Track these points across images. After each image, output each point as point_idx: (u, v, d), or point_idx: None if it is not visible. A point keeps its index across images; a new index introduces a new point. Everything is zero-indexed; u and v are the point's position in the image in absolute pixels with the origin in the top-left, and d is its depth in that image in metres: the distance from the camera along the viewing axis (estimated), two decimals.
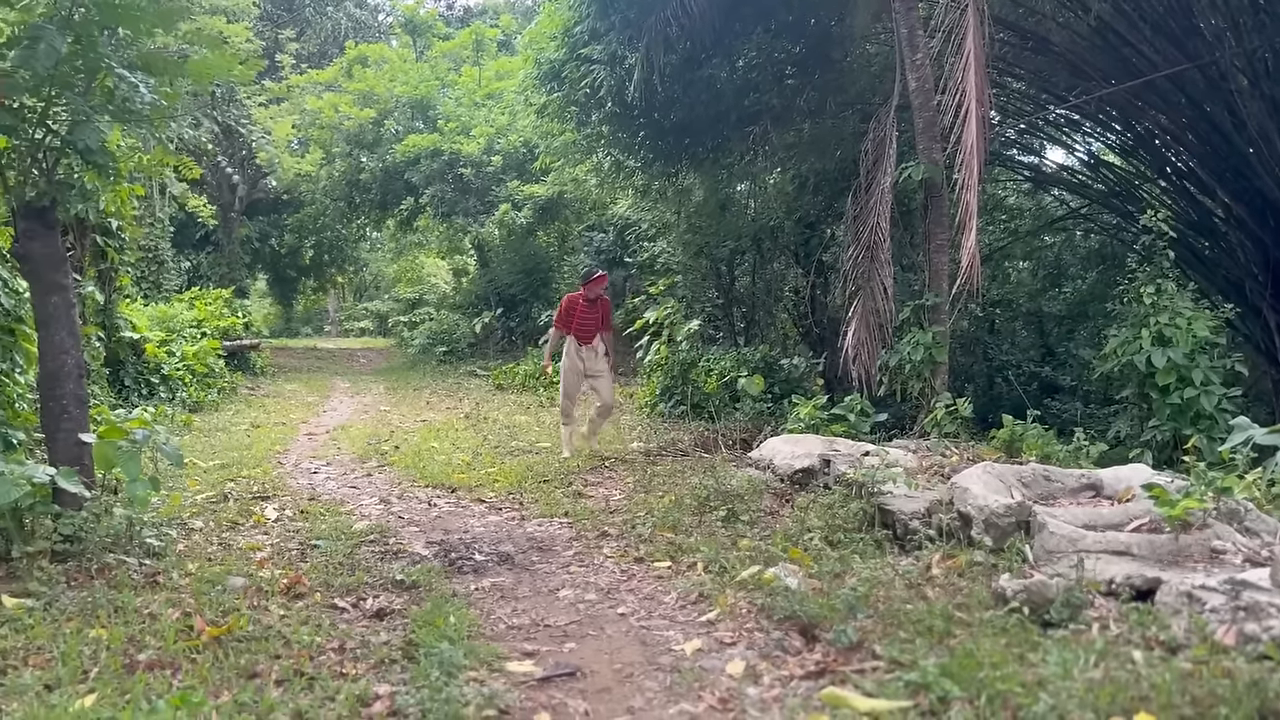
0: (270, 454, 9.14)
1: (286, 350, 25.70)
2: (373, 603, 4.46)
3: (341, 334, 38.79)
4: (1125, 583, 3.82)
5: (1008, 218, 14.92)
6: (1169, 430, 7.03)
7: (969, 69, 7.86)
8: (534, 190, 19.23)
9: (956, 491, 4.92)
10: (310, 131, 21.97)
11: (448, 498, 7.18)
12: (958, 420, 7.98)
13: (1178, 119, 11.36)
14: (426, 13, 25.89)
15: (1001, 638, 3.55)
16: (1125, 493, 4.95)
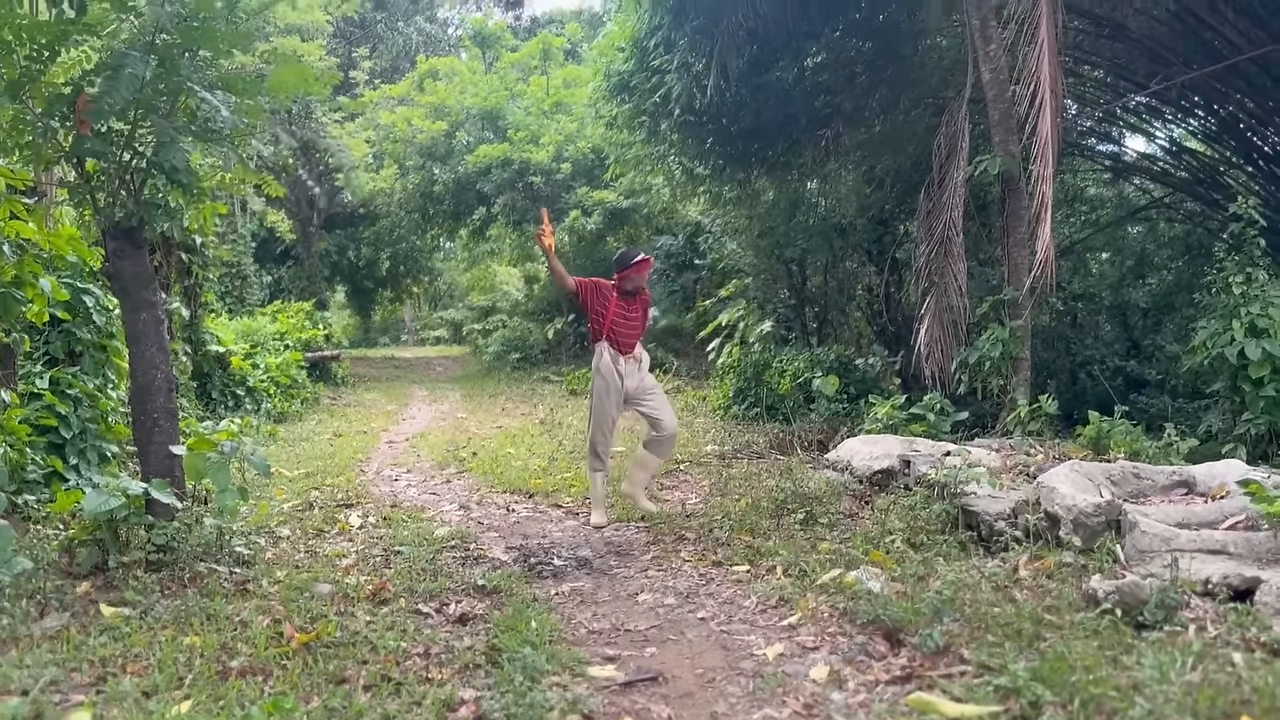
0: (353, 462, 9.32)
1: (365, 360, 26.21)
2: (455, 608, 4.51)
3: (418, 343, 39.42)
4: (1222, 582, 3.69)
5: (1088, 209, 14.54)
6: (1264, 424, 6.77)
7: (1042, 58, 7.69)
8: (603, 196, 19.32)
9: (1043, 491, 4.80)
10: (384, 145, 22.39)
11: (525, 503, 7.25)
12: (1041, 418, 7.80)
13: (1264, 102, 10.97)
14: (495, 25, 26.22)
15: (1094, 640, 3.46)
16: (1219, 489, 4.79)
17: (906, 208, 11.82)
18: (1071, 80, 11.88)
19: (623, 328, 6.49)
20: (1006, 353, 8.27)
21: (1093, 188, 14.98)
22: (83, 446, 6.49)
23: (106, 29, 5.10)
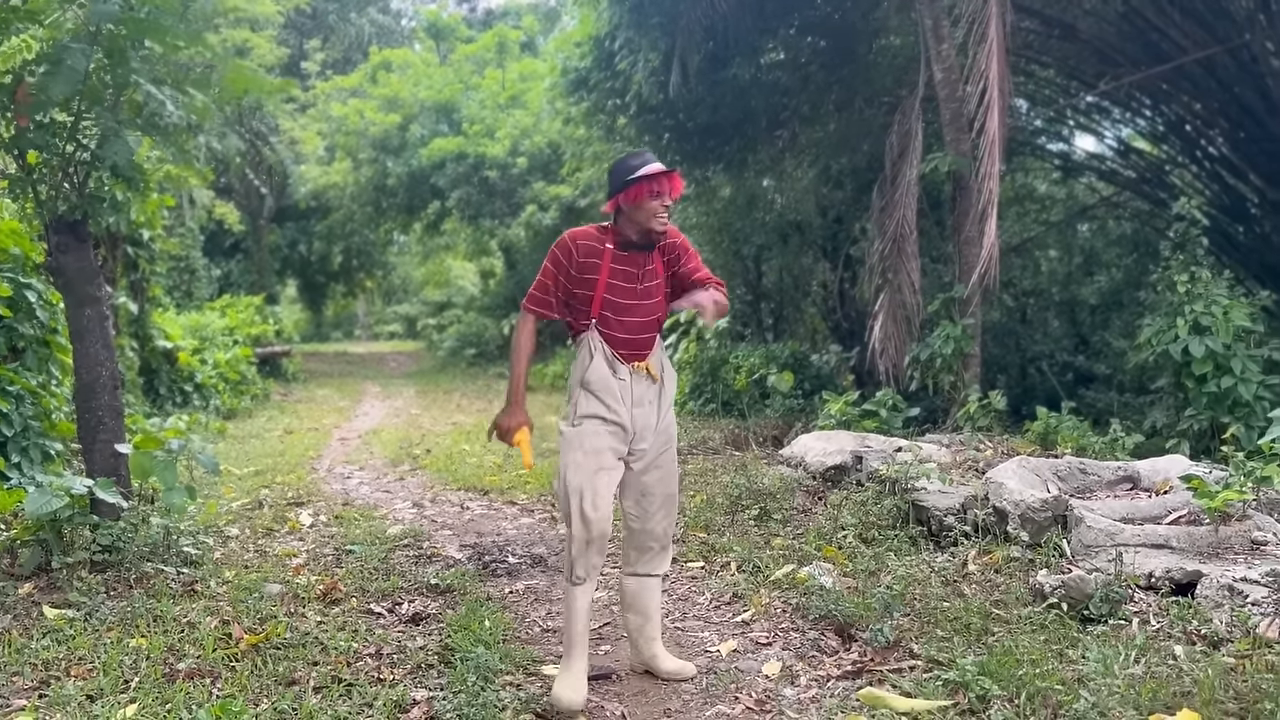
0: (304, 459, 9.21)
1: (317, 355, 25.92)
2: (408, 607, 4.48)
3: (371, 338, 39.08)
4: (1165, 576, 3.77)
5: (1039, 207, 14.77)
6: (1206, 419, 6.93)
7: (991, 58, 7.79)
8: (560, 191, 19.27)
9: (992, 486, 4.87)
10: (336, 138, 22.14)
11: (480, 501, 7.21)
12: (991, 413, 7.91)
13: (1209, 103, 11.22)
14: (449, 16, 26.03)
15: (1040, 634, 3.52)
16: (1163, 484, 4.89)
17: (862, 205, 11.93)
18: (1022, 80, 12.07)
19: (622, 310, 3.50)
20: (958, 349, 8.38)
21: (1043, 186, 15.21)
22: (25, 445, 6.33)
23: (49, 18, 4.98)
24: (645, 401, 3.54)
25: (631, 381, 3.52)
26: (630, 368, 3.52)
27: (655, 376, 3.57)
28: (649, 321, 3.57)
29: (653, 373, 3.56)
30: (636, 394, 3.52)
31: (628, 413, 3.50)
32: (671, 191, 3.48)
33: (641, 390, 3.54)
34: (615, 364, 3.50)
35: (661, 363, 3.63)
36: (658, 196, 3.45)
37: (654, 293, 3.58)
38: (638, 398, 3.53)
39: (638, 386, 3.53)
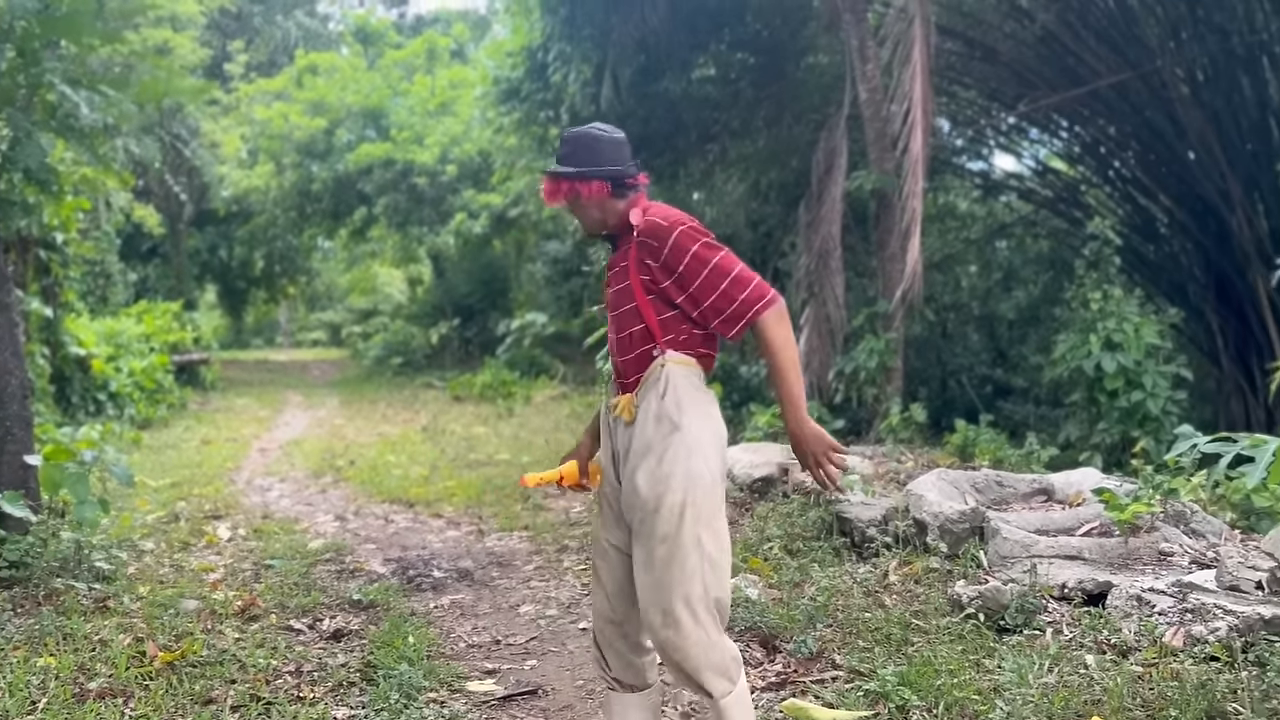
0: (222, 471, 9.00)
1: (237, 363, 25.35)
2: (329, 623, 4.41)
3: (293, 345, 38.34)
4: (1077, 587, 3.88)
5: (959, 224, 15.13)
6: (1117, 433, 7.17)
7: (915, 79, 7.98)
8: (490, 200, 19.17)
9: (912, 498, 4.97)
10: (260, 142, 21.72)
11: (405, 513, 7.12)
12: (912, 425, 8.08)
13: (1122, 126, 11.63)
14: (378, 21, 25.73)
15: (958, 644, 3.59)
16: (1076, 497, 5.04)
17: (790, 220, 12.10)
18: (945, 100, 12.38)
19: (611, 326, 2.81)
20: (881, 363, 8.54)
21: (964, 204, 15.59)
22: None
23: None
24: (624, 450, 2.68)
25: (615, 422, 2.72)
26: (612, 403, 2.74)
27: (627, 417, 2.66)
28: (622, 340, 2.70)
29: (625, 413, 2.66)
30: (619, 439, 2.71)
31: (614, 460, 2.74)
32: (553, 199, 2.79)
33: (622, 435, 2.69)
34: (610, 395, 2.78)
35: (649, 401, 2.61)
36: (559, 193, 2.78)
37: (622, 300, 2.70)
38: (619, 443, 2.70)
39: (619, 430, 2.70)
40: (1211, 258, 10.87)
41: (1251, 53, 10.24)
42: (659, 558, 2.54)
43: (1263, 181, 10.15)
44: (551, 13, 11.17)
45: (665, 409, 2.58)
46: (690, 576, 2.53)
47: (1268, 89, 10.36)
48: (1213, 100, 10.53)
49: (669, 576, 2.53)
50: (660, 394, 2.59)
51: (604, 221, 2.74)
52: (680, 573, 2.53)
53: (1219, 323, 10.83)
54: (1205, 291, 11.03)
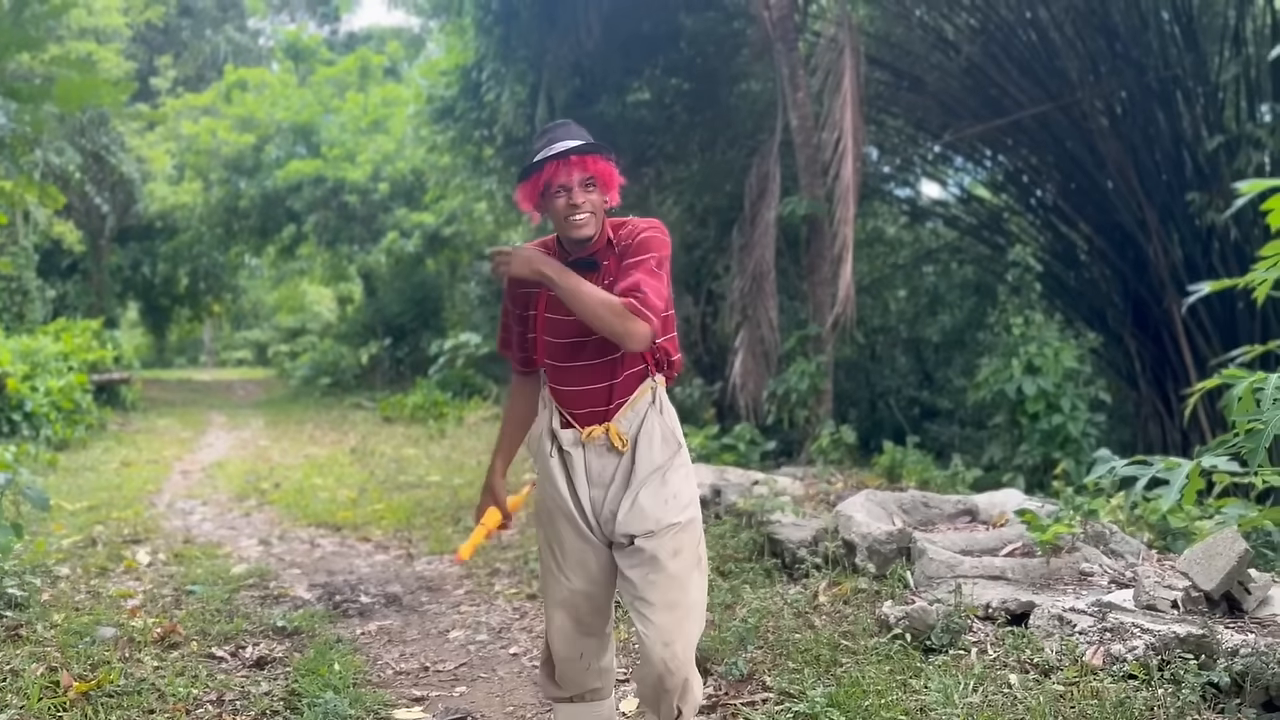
0: (142, 494, 8.75)
1: (159, 383, 24.70)
2: (252, 651, 4.30)
3: (218, 365, 37.52)
4: (1001, 607, 3.96)
5: (887, 249, 15.43)
6: (1039, 455, 7.36)
7: (846, 107, 8.14)
8: (423, 218, 19.02)
9: (841, 519, 5.03)
10: (186, 157, 21.30)
11: (332, 537, 6.99)
12: (841, 447, 8.18)
13: (1043, 156, 11.98)
14: (309, 38, 25.43)
15: (885, 665, 3.64)
16: (1000, 518, 5.14)
17: (724, 243, 12.22)
18: (874, 128, 12.64)
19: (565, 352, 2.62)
20: (812, 385, 8.65)
21: (892, 229, 15.92)
22: None
23: None
24: (605, 479, 2.58)
25: (584, 454, 2.58)
26: (580, 433, 2.57)
27: (620, 445, 2.55)
28: (601, 367, 2.54)
29: (616, 440, 2.55)
30: (593, 470, 2.59)
31: (583, 497, 2.60)
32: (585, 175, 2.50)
33: (600, 465, 2.58)
34: (557, 431, 2.62)
35: (641, 426, 2.57)
36: (562, 191, 2.50)
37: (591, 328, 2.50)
38: (594, 475, 2.59)
39: (593, 459, 2.58)
40: (1129, 284, 11.22)
41: (1166, 87, 10.63)
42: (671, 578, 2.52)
43: (1177, 211, 10.52)
44: (486, 33, 11.18)
45: (669, 427, 2.62)
46: (697, 602, 2.62)
47: (1181, 122, 10.77)
48: (1130, 132, 10.90)
49: (684, 599, 2.55)
50: (659, 412, 2.61)
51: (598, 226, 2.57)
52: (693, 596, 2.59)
53: (1137, 347, 11.17)
54: (1124, 317, 11.38)
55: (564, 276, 2.45)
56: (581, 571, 2.66)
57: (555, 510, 2.65)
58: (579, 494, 2.60)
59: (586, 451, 2.59)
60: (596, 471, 2.59)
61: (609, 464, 2.58)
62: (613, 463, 2.58)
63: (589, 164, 2.52)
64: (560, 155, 2.49)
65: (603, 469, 2.59)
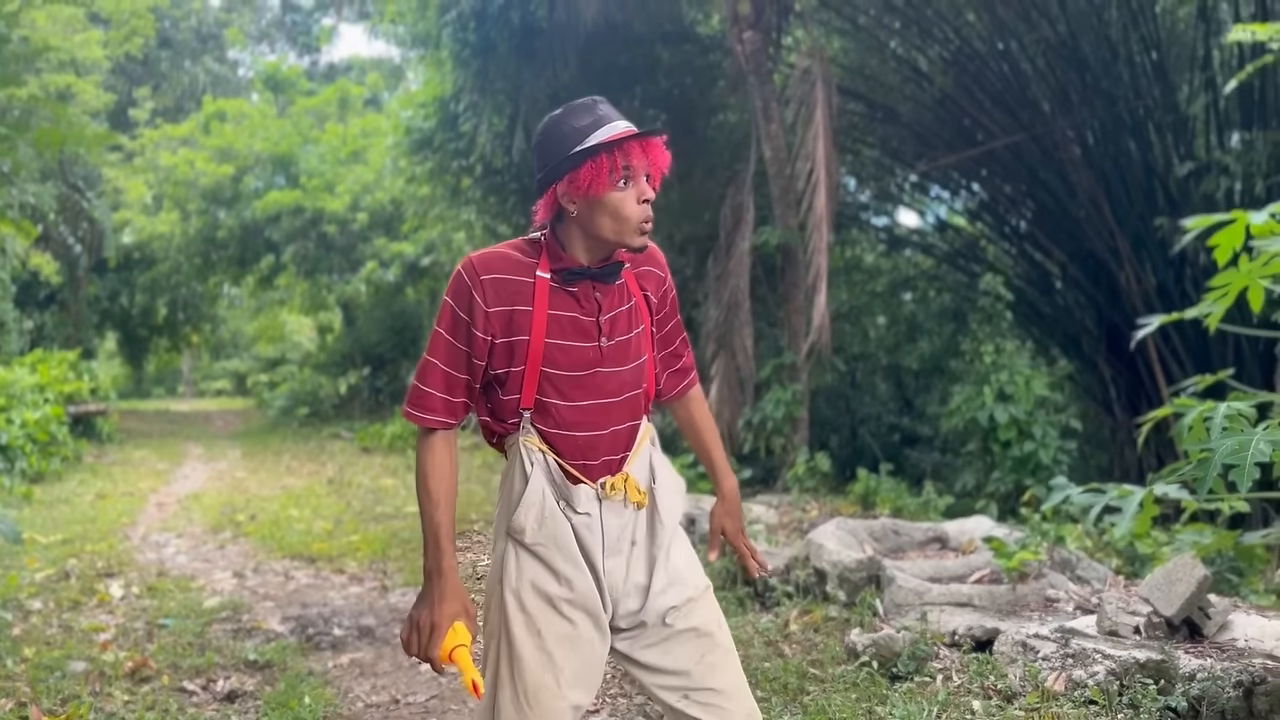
0: (116, 527, 8.69)
1: (137, 414, 24.54)
2: (224, 684, 4.29)
3: (197, 395, 37.29)
4: (967, 633, 4.00)
5: (865, 277, 15.56)
6: (1011, 482, 7.42)
7: (818, 139, 8.25)
8: (402, 248, 19.07)
9: (812, 547, 5.07)
10: (164, 188, 21.30)
11: (306, 569, 6.96)
12: (817, 475, 8.23)
13: (1017, 185, 12.15)
14: (289, 69, 25.54)
15: (852, 692, 3.67)
16: (968, 545, 5.19)
17: (702, 272, 12.32)
18: (850, 158, 12.80)
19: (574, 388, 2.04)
20: (788, 413, 8.70)
21: (870, 257, 16.06)
22: None
23: None
24: (624, 543, 2.07)
25: (601, 513, 2.05)
26: (596, 489, 2.05)
27: (640, 498, 2.08)
28: (623, 404, 2.08)
29: (634, 493, 2.07)
30: (610, 533, 2.05)
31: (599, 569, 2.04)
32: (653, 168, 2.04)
33: (618, 525, 2.06)
34: (562, 484, 2.03)
35: (652, 473, 2.13)
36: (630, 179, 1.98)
37: (631, 351, 2.09)
38: (612, 539, 2.05)
39: (611, 519, 2.05)
40: (1103, 311, 11.36)
41: (1137, 118, 10.82)
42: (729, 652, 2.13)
43: (1149, 239, 10.68)
44: (464, 65, 11.28)
45: (663, 480, 2.14)
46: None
47: (1152, 151, 10.95)
48: (1101, 161, 11.08)
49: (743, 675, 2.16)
50: (662, 458, 2.17)
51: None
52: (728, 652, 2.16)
53: (1111, 373, 11.29)
54: (1098, 344, 11.50)
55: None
56: (587, 682, 2.03)
57: (563, 600, 2.01)
58: (595, 568, 2.03)
59: (604, 510, 2.05)
60: (615, 535, 2.05)
61: (626, 524, 2.07)
62: (629, 522, 2.07)
63: (661, 155, 2.05)
64: (645, 135, 2.00)
65: (620, 531, 2.06)
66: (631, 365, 2.07)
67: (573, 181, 1.95)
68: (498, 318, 1.98)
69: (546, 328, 1.99)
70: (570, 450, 2.02)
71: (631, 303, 2.10)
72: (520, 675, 1.97)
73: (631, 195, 1.97)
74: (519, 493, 2.02)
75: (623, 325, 2.07)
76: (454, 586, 1.97)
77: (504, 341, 2.00)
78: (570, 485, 2.02)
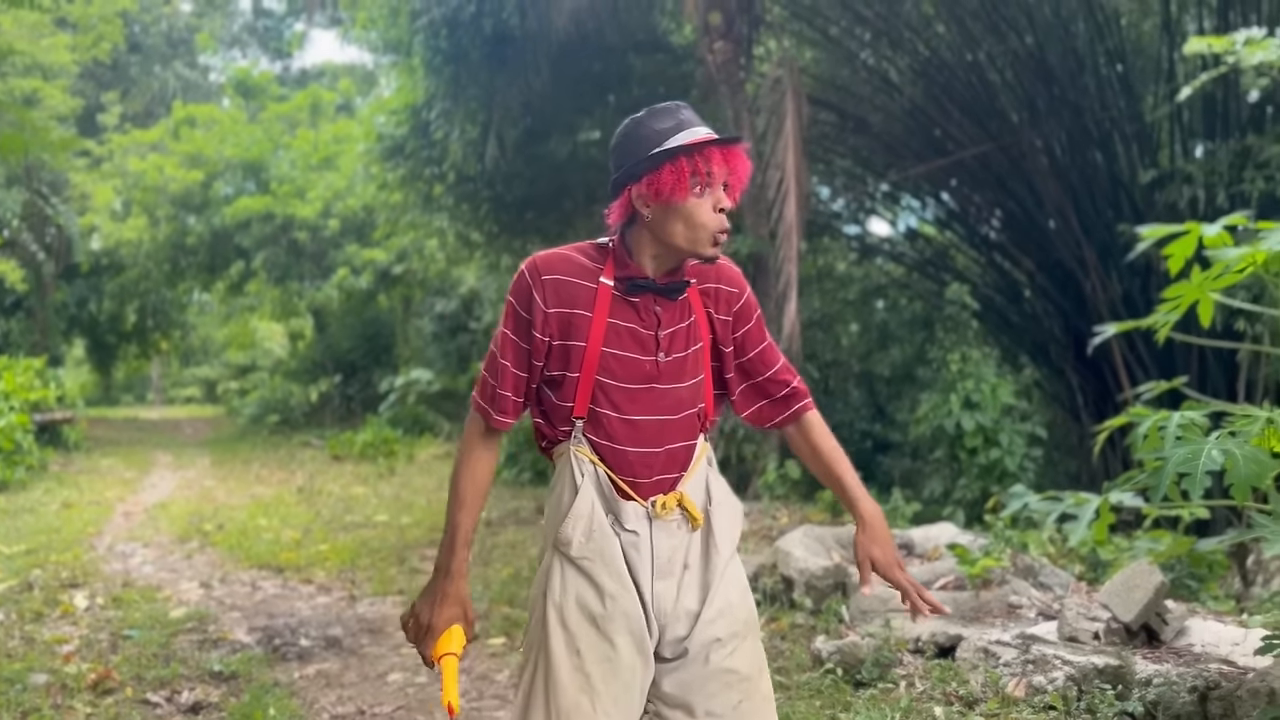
0: (82, 537, 8.60)
1: (105, 421, 24.28)
2: (188, 696, 4.26)
3: (166, 402, 36.94)
4: (930, 640, 4.04)
5: (838, 285, 15.65)
6: (977, 489, 7.50)
7: (788, 149, 8.30)
8: (374, 255, 18.99)
9: (780, 555, 5.10)
10: (133, 194, 21.11)
11: (274, 579, 6.92)
12: (788, 482, 8.27)
13: (985, 194, 12.27)
14: (260, 75, 25.39)
15: (817, 699, 3.69)
16: (934, 552, 5.24)
17: None
18: (821, 167, 12.88)
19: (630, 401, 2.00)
20: None
21: (842, 265, 16.16)
22: None
23: None
24: (676, 566, 2.00)
25: (651, 533, 1.98)
26: (647, 507, 1.99)
27: (696, 519, 2.01)
28: (679, 422, 2.02)
29: (691, 512, 2.00)
30: (661, 554, 1.98)
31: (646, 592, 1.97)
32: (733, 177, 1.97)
33: (670, 546, 1.99)
34: (615, 503, 1.98)
35: (709, 493, 2.06)
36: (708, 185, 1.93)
37: (688, 369, 2.04)
38: (662, 561, 1.98)
39: (662, 539, 1.99)
40: (1070, 319, 11.48)
41: (1103, 129, 10.97)
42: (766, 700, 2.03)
43: (1115, 248, 10.81)
44: (436, 73, 11.25)
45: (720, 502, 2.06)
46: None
47: (1118, 162, 11.10)
48: (1068, 172, 11.21)
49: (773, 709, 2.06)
50: (719, 480, 2.10)
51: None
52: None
53: (1079, 381, 11.41)
54: (1065, 351, 11.63)
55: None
56: (626, 709, 1.95)
57: (609, 618, 1.94)
58: (642, 590, 1.96)
59: (655, 530, 1.98)
60: (665, 557, 1.98)
61: (678, 546, 1.99)
62: (682, 544, 2.00)
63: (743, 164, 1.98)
64: (728, 141, 1.95)
65: (672, 553, 1.98)
66: (688, 383, 2.02)
67: (651, 184, 1.91)
68: (556, 319, 1.96)
69: (605, 336, 1.96)
70: (621, 465, 1.98)
71: (691, 319, 2.03)
72: (555, 694, 1.90)
73: (708, 203, 1.92)
74: (567, 504, 1.98)
75: (681, 342, 2.01)
76: (458, 590, 1.98)
77: (561, 344, 1.97)
78: (620, 500, 1.97)
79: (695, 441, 2.04)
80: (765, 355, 2.12)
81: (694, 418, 2.03)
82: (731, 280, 2.08)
